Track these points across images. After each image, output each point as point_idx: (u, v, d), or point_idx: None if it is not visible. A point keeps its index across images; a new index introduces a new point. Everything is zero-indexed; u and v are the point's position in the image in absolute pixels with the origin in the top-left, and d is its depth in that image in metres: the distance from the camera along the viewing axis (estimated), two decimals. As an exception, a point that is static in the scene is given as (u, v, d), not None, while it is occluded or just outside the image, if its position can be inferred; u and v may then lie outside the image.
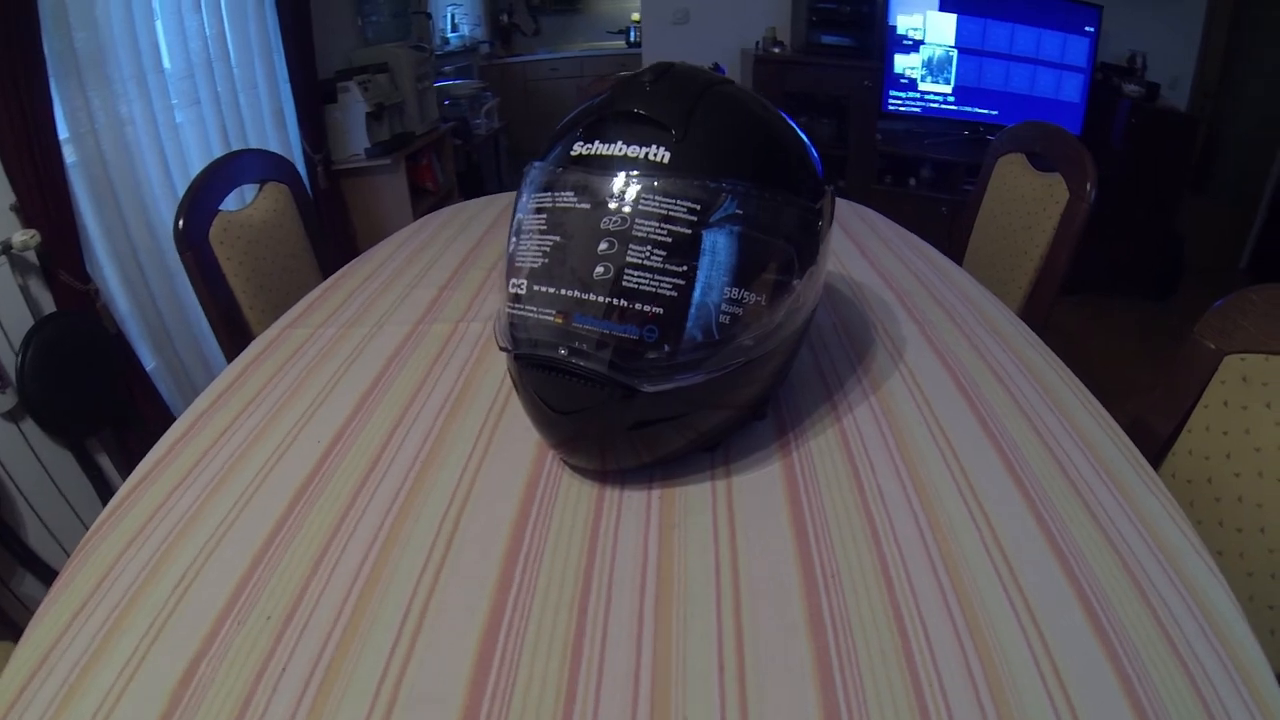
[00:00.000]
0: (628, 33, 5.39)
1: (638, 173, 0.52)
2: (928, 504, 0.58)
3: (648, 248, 0.51)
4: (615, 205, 0.51)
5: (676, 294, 0.51)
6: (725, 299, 0.52)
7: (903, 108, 2.95)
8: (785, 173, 0.57)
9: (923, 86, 2.88)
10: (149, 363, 1.71)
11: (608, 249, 0.51)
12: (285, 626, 0.48)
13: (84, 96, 1.55)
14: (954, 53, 2.78)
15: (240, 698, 0.43)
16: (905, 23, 2.81)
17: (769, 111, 0.60)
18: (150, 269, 1.73)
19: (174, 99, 1.88)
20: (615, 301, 0.51)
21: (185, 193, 1.07)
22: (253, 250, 1.16)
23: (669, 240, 0.51)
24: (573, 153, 0.55)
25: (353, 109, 2.65)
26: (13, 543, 1.27)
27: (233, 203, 1.16)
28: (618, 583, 0.51)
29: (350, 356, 0.84)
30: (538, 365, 0.55)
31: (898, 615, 0.48)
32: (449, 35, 4.38)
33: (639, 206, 0.51)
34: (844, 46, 3.15)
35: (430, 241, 1.22)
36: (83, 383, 1.38)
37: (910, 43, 2.83)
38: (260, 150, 1.28)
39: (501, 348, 0.58)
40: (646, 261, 0.51)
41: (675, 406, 0.55)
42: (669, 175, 0.51)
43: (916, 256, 1.12)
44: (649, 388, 0.52)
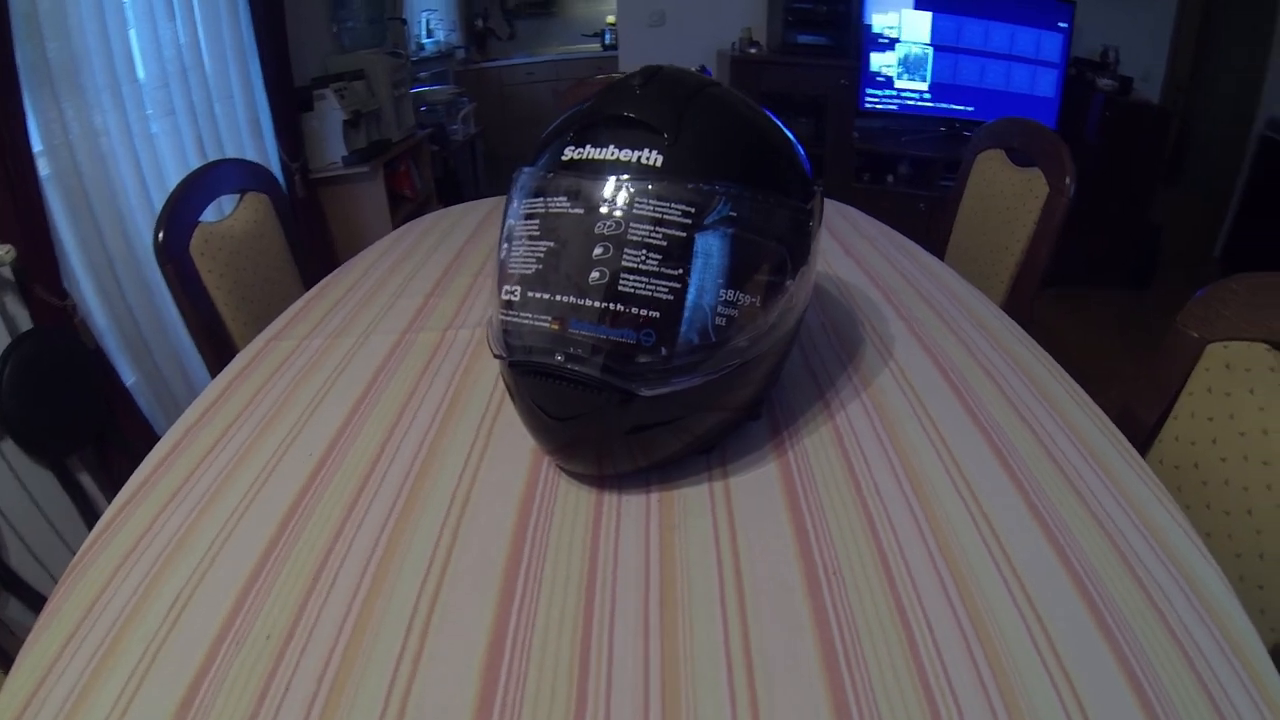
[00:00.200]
0: (603, 35, 5.39)
1: (630, 176, 0.52)
2: (923, 497, 0.58)
3: (643, 252, 0.51)
4: (609, 209, 0.51)
5: (672, 297, 0.51)
6: (720, 301, 0.52)
7: (879, 106, 2.98)
8: (777, 174, 0.58)
9: (899, 84, 2.91)
10: (128, 378, 1.68)
11: (603, 254, 0.51)
12: (286, 646, 0.47)
13: (58, 108, 1.52)
14: (929, 50, 2.81)
15: None
16: (881, 21, 2.84)
17: (758, 113, 0.60)
18: (128, 282, 1.70)
19: (149, 109, 1.85)
20: (611, 306, 0.51)
21: (164, 204, 1.05)
22: (234, 262, 1.15)
23: (664, 244, 0.51)
24: (564, 157, 0.55)
25: (329, 117, 2.63)
26: (-6, 566, 1.25)
27: (210, 214, 1.15)
28: (621, 587, 0.51)
29: (338, 368, 0.83)
30: (533, 372, 0.55)
31: (900, 607, 0.48)
32: (424, 41, 4.36)
33: (633, 210, 0.51)
34: (820, 46, 3.17)
35: (413, 249, 1.21)
36: (62, 400, 1.35)
37: (886, 41, 2.86)
38: (239, 160, 1.26)
39: (496, 355, 0.58)
40: (642, 265, 0.51)
41: (672, 410, 0.55)
42: (662, 179, 0.51)
43: (900, 254, 1.12)
44: (646, 392, 0.52)
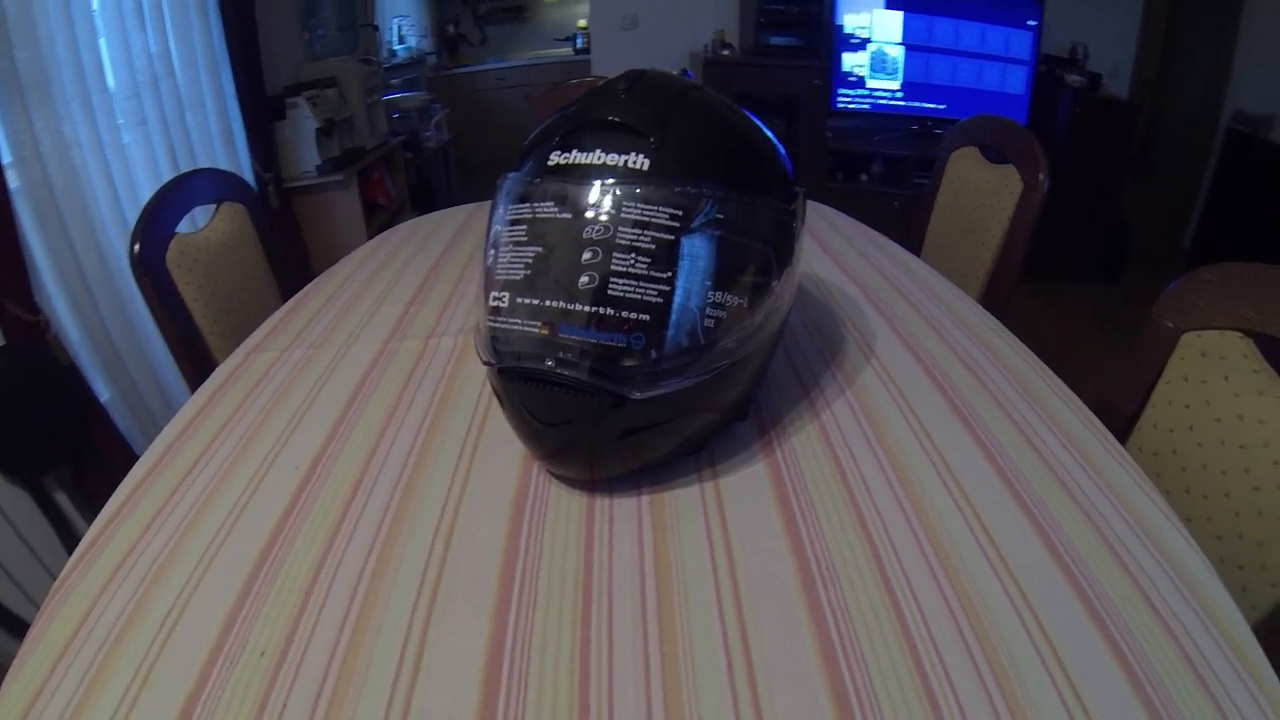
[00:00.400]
0: (574, 39, 5.39)
1: (617, 180, 0.52)
2: (911, 491, 0.59)
3: (632, 255, 0.51)
4: (597, 214, 0.52)
5: (661, 300, 0.51)
6: (709, 303, 0.53)
7: (852, 105, 3.00)
8: (761, 176, 0.58)
9: (871, 84, 2.94)
10: (103, 394, 1.66)
11: (592, 258, 0.51)
12: (281, 662, 0.47)
13: (27, 118, 1.49)
14: (901, 50, 2.84)
15: (241, 737, 0.42)
16: (852, 22, 2.87)
17: (741, 115, 0.60)
18: (101, 296, 1.67)
19: (120, 119, 1.82)
20: (601, 310, 0.51)
21: (140, 216, 1.04)
22: (212, 273, 1.13)
23: (652, 247, 0.51)
24: (549, 162, 0.55)
25: (302, 125, 2.60)
26: (-31, 589, 1.22)
27: (184, 225, 1.13)
28: (618, 591, 0.51)
29: (320, 378, 0.82)
30: (523, 378, 0.55)
31: (894, 600, 0.49)
32: (396, 47, 4.34)
33: (621, 214, 0.51)
34: (792, 47, 3.20)
35: (391, 258, 1.20)
36: (36, 418, 1.33)
37: (858, 41, 2.88)
38: (214, 170, 1.25)
39: (485, 362, 0.58)
40: (631, 269, 0.51)
41: (663, 412, 0.56)
42: (650, 182, 0.52)
43: (879, 252, 1.14)
44: (637, 394, 0.53)
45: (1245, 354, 0.68)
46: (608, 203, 0.52)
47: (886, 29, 2.83)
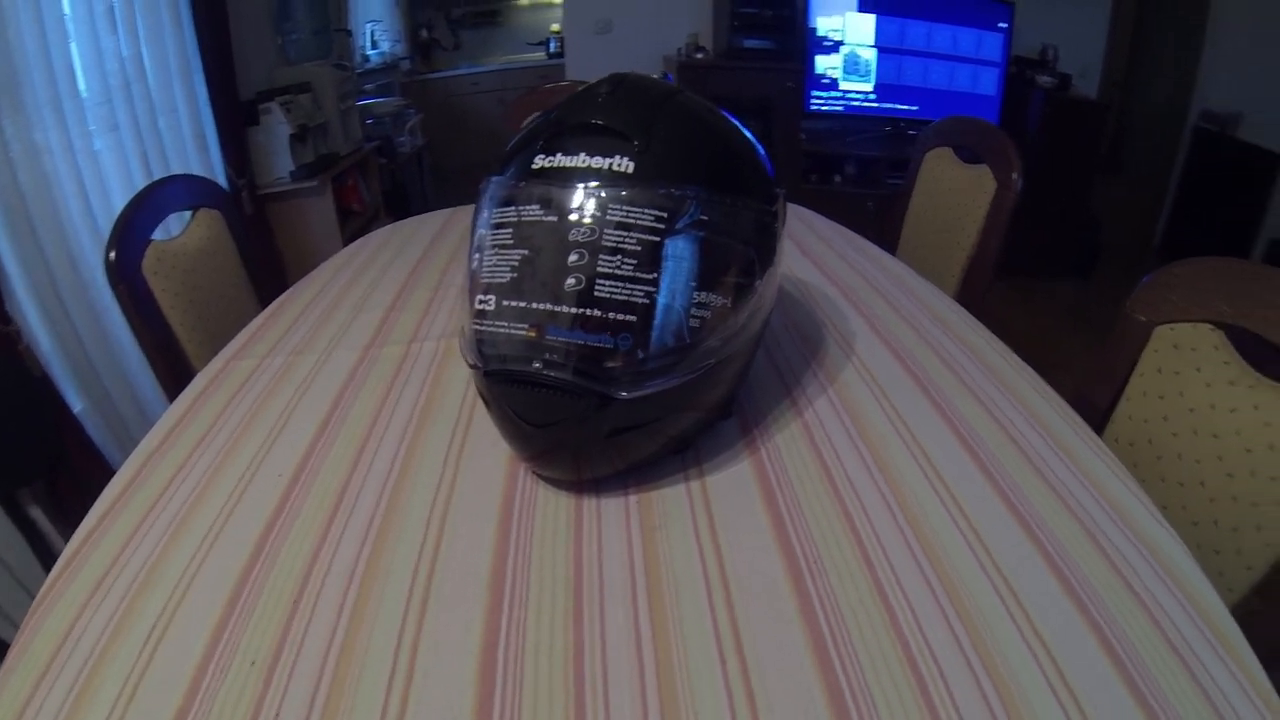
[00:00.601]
0: (547, 44, 5.38)
1: (602, 183, 0.52)
2: (894, 486, 0.60)
3: (617, 257, 0.51)
4: (582, 216, 0.52)
5: (647, 301, 0.52)
6: (694, 303, 0.53)
7: (825, 107, 3.03)
8: (743, 177, 0.59)
9: (844, 85, 2.97)
10: (76, 405, 1.63)
11: (578, 260, 0.51)
12: (272, 671, 0.46)
13: (-3, 125, 1.47)
14: (874, 52, 2.87)
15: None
16: (825, 24, 2.89)
17: (723, 118, 0.61)
18: (74, 305, 1.64)
19: (91, 125, 1.79)
20: (588, 312, 0.51)
21: (116, 223, 1.02)
22: (189, 280, 1.12)
23: (638, 249, 0.51)
24: (534, 166, 0.55)
25: (276, 131, 2.57)
26: (-60, 608, 1.19)
27: (159, 232, 1.12)
28: (609, 590, 0.51)
29: (302, 385, 0.81)
30: (510, 380, 0.55)
31: (881, 592, 0.50)
32: (369, 52, 4.30)
33: (607, 216, 0.52)
34: (766, 50, 3.22)
35: (369, 264, 1.19)
36: (9, 431, 1.30)
37: (830, 43, 2.91)
38: (189, 175, 1.23)
39: (471, 365, 0.58)
40: (617, 271, 0.51)
41: (649, 411, 0.56)
42: (634, 185, 0.52)
43: (855, 252, 1.15)
44: (624, 395, 0.53)
45: (1216, 345, 0.69)
46: (592, 205, 0.52)
47: (859, 31, 2.86)
